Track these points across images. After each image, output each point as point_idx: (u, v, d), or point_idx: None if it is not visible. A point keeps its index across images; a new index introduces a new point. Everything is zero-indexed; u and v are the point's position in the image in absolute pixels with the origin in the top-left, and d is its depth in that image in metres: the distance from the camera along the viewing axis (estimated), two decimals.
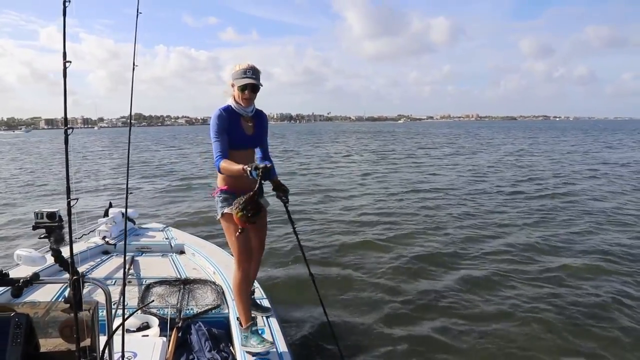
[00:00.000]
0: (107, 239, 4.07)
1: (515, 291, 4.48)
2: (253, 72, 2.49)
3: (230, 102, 2.55)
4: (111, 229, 4.15)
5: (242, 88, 2.49)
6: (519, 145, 28.82)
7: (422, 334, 3.67)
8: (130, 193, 2.00)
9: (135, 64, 1.91)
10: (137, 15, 1.76)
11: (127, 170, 1.96)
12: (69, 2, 0.84)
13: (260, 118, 2.70)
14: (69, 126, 0.91)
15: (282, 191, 2.67)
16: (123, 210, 4.57)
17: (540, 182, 12.01)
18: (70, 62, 0.89)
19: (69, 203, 0.93)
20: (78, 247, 3.88)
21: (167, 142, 44.11)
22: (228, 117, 2.49)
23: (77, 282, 1.04)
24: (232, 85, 2.55)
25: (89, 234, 4.14)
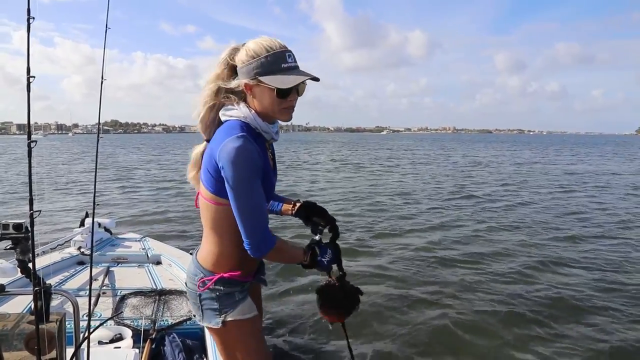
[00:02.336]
0: (82, 249, 4.01)
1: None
2: (294, 58, 1.35)
3: (246, 116, 1.35)
4: (87, 239, 4.09)
5: (287, 91, 1.31)
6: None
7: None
8: (97, 205, 2.00)
9: (104, 78, 1.84)
10: (106, 29, 1.75)
11: (95, 180, 1.96)
12: (34, 18, 0.85)
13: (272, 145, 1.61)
14: (32, 139, 0.93)
15: (322, 217, 1.64)
16: (99, 220, 4.52)
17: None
18: (34, 77, 0.89)
19: (31, 215, 0.94)
20: (52, 258, 3.82)
21: (146, 150, 43.64)
22: (259, 151, 1.30)
23: (41, 293, 1.05)
24: (250, 87, 1.35)
25: (64, 244, 4.08)
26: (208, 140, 1.43)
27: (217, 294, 1.45)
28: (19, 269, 2.73)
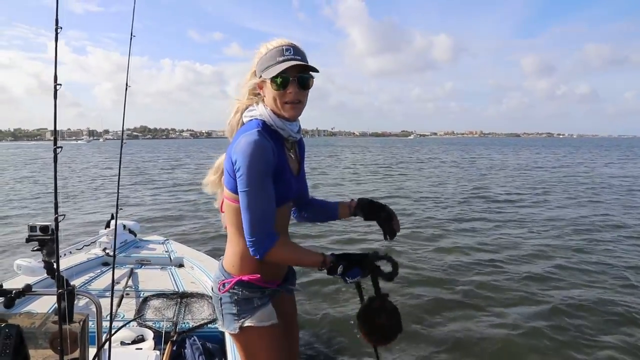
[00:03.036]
0: (107, 251, 4.10)
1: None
2: (295, 52, 1.35)
3: (262, 113, 1.39)
4: (112, 241, 4.18)
5: (282, 82, 1.33)
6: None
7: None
8: (120, 209, 2.04)
9: (129, 84, 1.89)
10: (131, 37, 1.80)
11: (118, 184, 1.99)
12: (61, 28, 0.89)
13: (301, 146, 1.60)
14: (58, 145, 0.96)
15: (385, 220, 1.58)
16: (125, 222, 4.62)
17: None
18: (61, 84, 0.93)
19: (56, 219, 0.97)
20: (79, 258, 3.91)
21: (173, 155, 44.60)
22: (274, 148, 1.33)
23: (64, 295, 1.07)
24: (261, 86, 1.41)
25: (89, 245, 4.18)
26: None
27: (236, 297, 1.44)
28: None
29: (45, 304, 2.87)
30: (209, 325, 2.92)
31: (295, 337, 1.73)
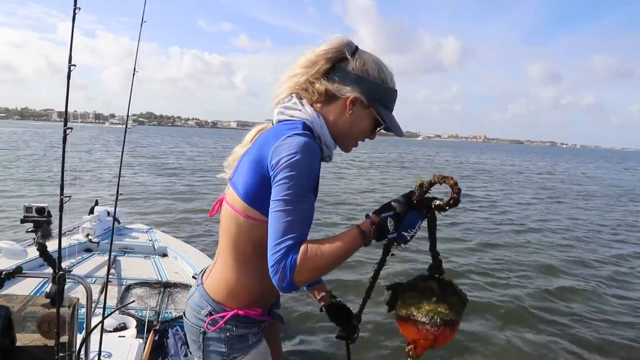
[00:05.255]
0: (90, 237, 4.04)
1: None
2: None
3: (312, 120, 1.12)
4: (95, 227, 4.12)
5: (377, 126, 1.18)
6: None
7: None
8: (120, 194, 2.01)
9: (137, 69, 1.85)
10: (142, 23, 1.77)
11: (120, 171, 1.97)
12: (79, 9, 0.87)
13: None
14: (68, 126, 0.95)
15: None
16: (108, 208, 4.55)
17: None
18: (75, 65, 0.91)
19: (61, 200, 0.95)
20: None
21: (176, 143, 44.38)
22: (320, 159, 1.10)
23: (61, 278, 1.06)
24: (353, 103, 1.13)
25: (72, 230, 4.11)
26: None
27: (228, 334, 1.15)
28: (28, 252, 2.78)
29: (26, 288, 2.82)
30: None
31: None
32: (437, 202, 1.03)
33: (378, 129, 1.17)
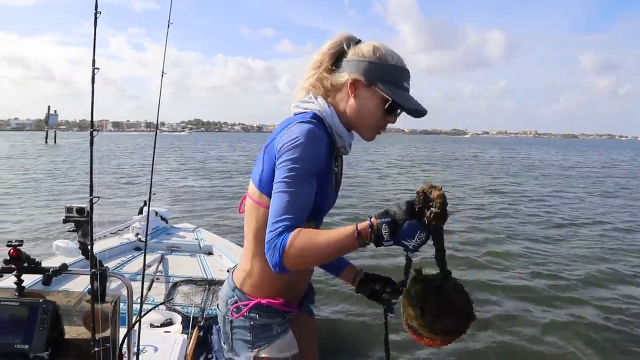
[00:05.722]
0: (139, 236, 4.23)
1: None
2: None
3: (323, 110, 1.16)
4: (144, 227, 4.31)
5: (395, 108, 1.16)
6: None
7: None
8: (154, 194, 2.08)
9: (165, 71, 1.90)
10: (168, 25, 1.83)
11: (152, 172, 2.04)
12: (100, 13, 0.91)
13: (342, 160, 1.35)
14: (94, 128, 0.99)
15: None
16: (157, 209, 4.75)
17: None
18: (99, 68, 0.96)
19: (91, 200, 1.00)
20: (112, 242, 4.06)
21: (223, 147, 46.00)
22: (327, 147, 1.13)
23: (97, 275, 1.11)
24: (355, 86, 1.15)
25: (123, 229, 4.32)
26: None
27: (252, 323, 1.20)
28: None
29: (80, 284, 2.99)
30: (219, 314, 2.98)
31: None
32: (429, 213, 0.93)
33: (398, 111, 1.16)
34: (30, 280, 1.39)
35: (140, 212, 4.49)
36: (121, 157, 27.33)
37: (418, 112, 1.14)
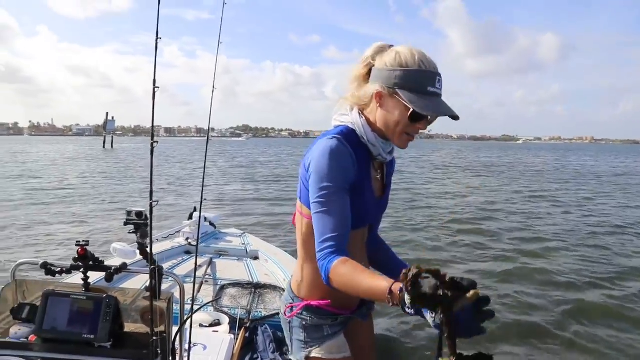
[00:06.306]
0: (189, 240, 4.41)
1: None
2: (441, 84, 1.15)
3: (355, 122, 1.21)
4: (194, 231, 4.50)
5: (419, 116, 1.13)
6: None
7: None
8: (204, 199, 2.19)
9: (157, 85, 1.92)
10: (218, 44, 1.92)
11: (203, 180, 2.16)
12: (160, 39, 1.01)
13: (391, 166, 1.40)
14: (154, 140, 1.09)
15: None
16: (206, 214, 4.94)
17: None
18: (159, 87, 1.05)
19: (151, 204, 1.10)
20: (164, 246, 4.26)
21: (271, 153, 47.18)
22: (354, 158, 1.16)
23: (154, 272, 1.21)
24: (381, 95, 1.16)
25: (174, 234, 4.53)
26: None
27: (305, 323, 1.28)
28: (137, 253, 3.14)
29: (136, 283, 3.17)
30: (280, 316, 3.06)
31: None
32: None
33: (429, 117, 1.14)
34: (94, 277, 1.52)
35: (190, 217, 4.69)
36: (181, 162, 28.20)
37: (435, 113, 1.13)
